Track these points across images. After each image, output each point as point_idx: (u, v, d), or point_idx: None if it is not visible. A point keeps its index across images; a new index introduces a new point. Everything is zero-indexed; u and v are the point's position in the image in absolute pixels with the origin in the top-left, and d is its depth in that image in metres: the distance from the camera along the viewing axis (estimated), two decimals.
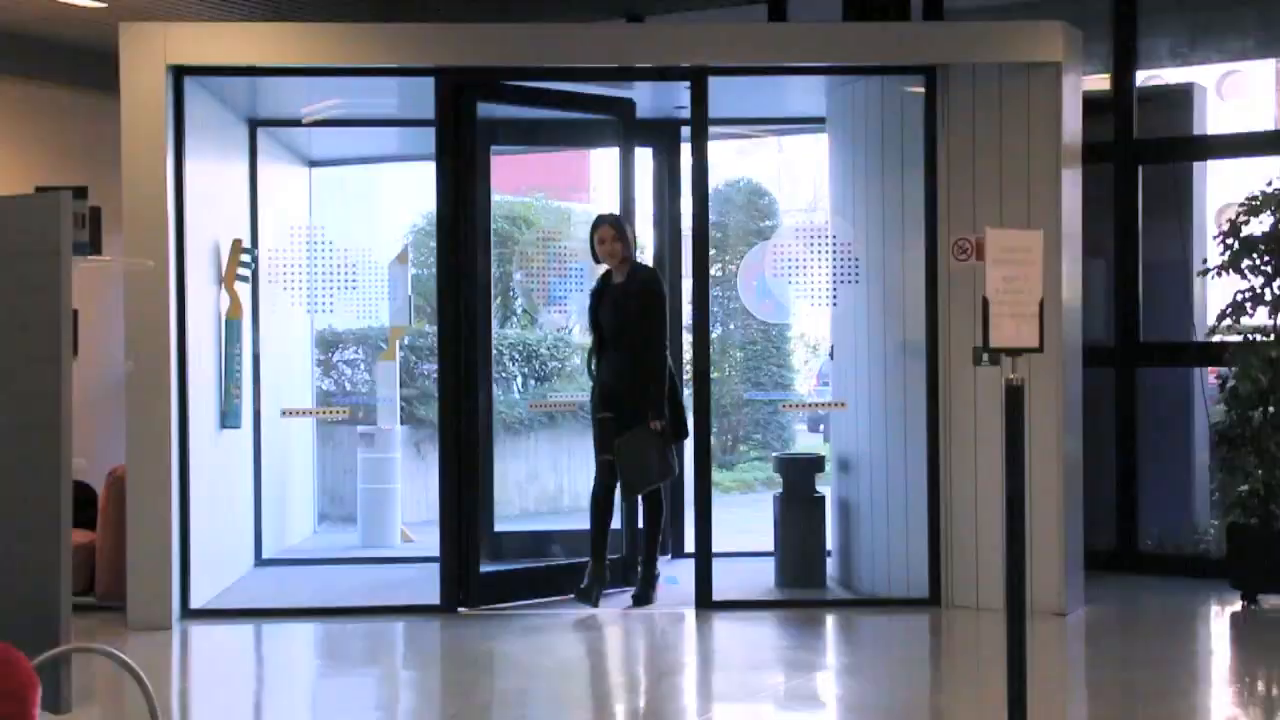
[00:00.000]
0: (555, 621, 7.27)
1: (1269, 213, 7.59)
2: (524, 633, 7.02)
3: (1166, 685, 6.05)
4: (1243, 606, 7.48)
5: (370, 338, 11.33)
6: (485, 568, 7.72)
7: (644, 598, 7.52)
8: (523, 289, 11.50)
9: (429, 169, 7.60)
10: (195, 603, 7.41)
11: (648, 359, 7.36)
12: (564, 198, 14.03)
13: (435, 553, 7.60)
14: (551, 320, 11.87)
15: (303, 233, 8.22)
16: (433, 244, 8.14)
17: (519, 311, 12.52)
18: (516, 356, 12.03)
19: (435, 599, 7.47)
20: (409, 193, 11.53)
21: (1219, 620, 7.52)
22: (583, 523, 7.77)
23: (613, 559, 7.66)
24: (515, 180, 12.90)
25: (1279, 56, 16.09)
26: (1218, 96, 17.34)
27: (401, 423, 10.14)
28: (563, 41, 7.47)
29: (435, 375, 8.67)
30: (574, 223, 12.15)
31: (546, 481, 11.65)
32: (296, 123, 9.05)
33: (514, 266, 12.13)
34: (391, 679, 6.57)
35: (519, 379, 12.15)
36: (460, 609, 7.42)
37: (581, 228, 8.19)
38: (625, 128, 8.14)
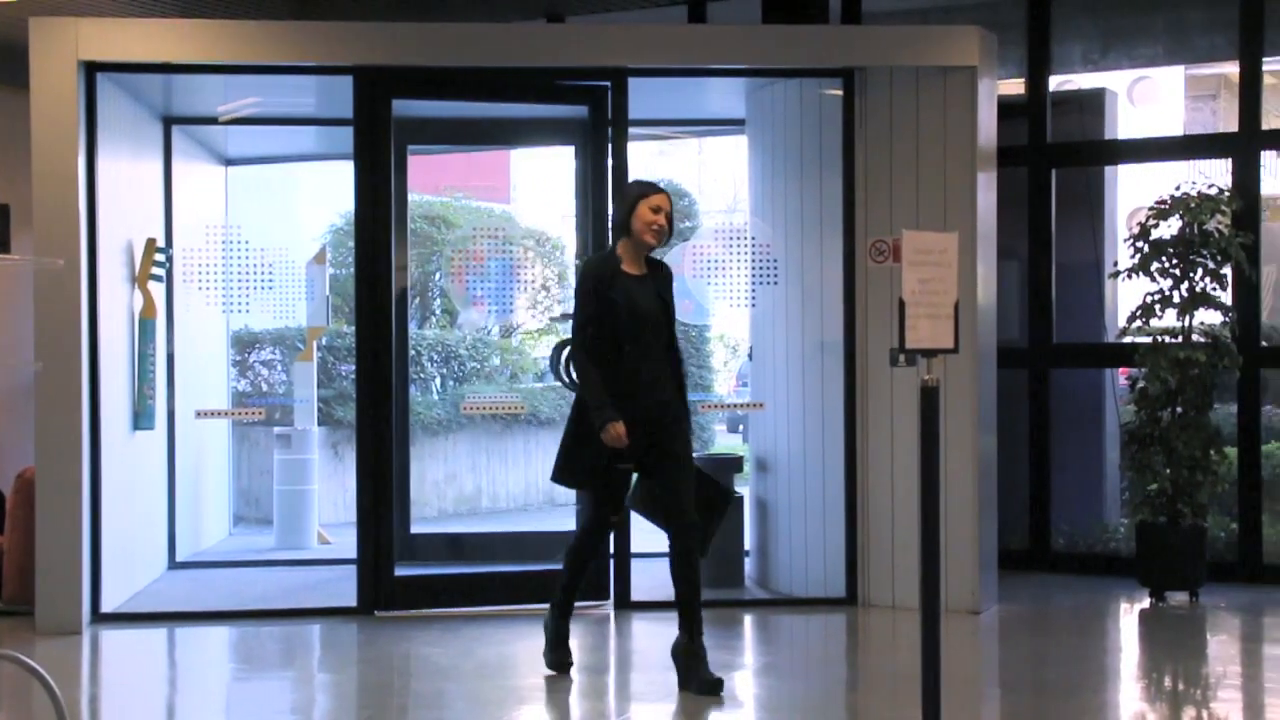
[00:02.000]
0: (473, 624, 7.24)
1: (1177, 217, 7.73)
2: (442, 635, 6.98)
3: (1078, 682, 6.14)
4: (1151, 603, 7.61)
5: (287, 338, 11.23)
6: (403, 570, 7.69)
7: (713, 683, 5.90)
8: (442, 289, 11.45)
9: (347, 168, 7.54)
10: (106, 606, 7.30)
11: (681, 366, 6.17)
12: (483, 197, 13.99)
13: (352, 555, 7.55)
14: (471, 321, 11.83)
15: (218, 232, 8.12)
16: (351, 244, 8.08)
17: (438, 312, 12.47)
18: (435, 357, 11.97)
19: (352, 601, 7.42)
20: (327, 192, 11.45)
21: (1128, 617, 7.65)
22: (501, 523, 7.75)
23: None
24: (435, 180, 12.85)
25: (1187, 63, 16.40)
26: (1129, 102, 17.64)
27: (319, 424, 10.06)
28: (482, 41, 7.44)
29: (353, 376, 8.60)
30: (495, 223, 12.11)
31: (465, 483, 11.61)
32: (212, 121, 8.95)
33: (433, 267, 12.09)
34: (307, 682, 6.51)
35: (438, 380, 12.10)
36: (377, 611, 7.38)
37: (503, 227, 8.15)
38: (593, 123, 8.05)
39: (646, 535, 8.60)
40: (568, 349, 7.77)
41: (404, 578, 7.60)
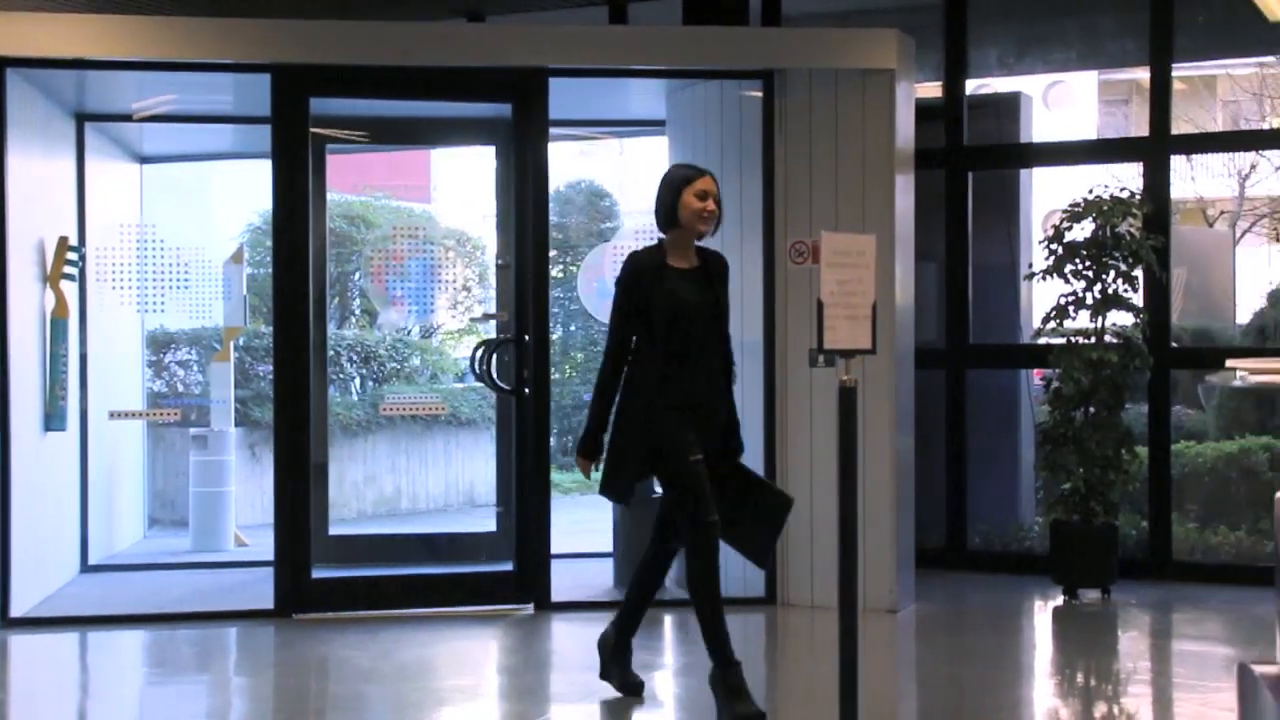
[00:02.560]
0: (393, 626, 7.19)
1: (1090, 219, 7.84)
2: (361, 637, 6.93)
3: (993, 679, 6.22)
4: (1064, 601, 7.72)
5: (204, 338, 11.10)
6: (321, 572, 7.62)
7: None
8: (361, 289, 11.37)
9: (265, 167, 7.47)
10: (16, 611, 7.18)
11: (731, 370, 5.73)
12: (404, 197, 13.91)
13: (270, 557, 7.48)
14: (391, 321, 11.76)
15: (133, 230, 8.02)
16: (269, 243, 8.00)
17: (358, 312, 12.38)
18: (355, 358, 11.89)
19: (269, 604, 7.35)
20: (245, 191, 11.33)
21: (1042, 615, 7.75)
22: (421, 525, 7.71)
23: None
24: (354, 179, 12.76)
25: (1100, 68, 16.71)
26: (1044, 106, 17.90)
27: (236, 425, 9.95)
28: (401, 40, 7.40)
29: (271, 376, 8.52)
30: (415, 222, 12.04)
31: (385, 484, 11.54)
32: (127, 118, 8.83)
33: (353, 266, 12.01)
34: (223, 686, 6.44)
35: (357, 380, 12.01)
36: (295, 614, 7.31)
37: (423, 227, 8.11)
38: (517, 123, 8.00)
39: (566, 536, 8.63)
40: (484, 349, 7.79)
41: (322, 580, 7.54)
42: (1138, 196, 8.02)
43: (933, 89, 8.88)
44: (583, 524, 10.06)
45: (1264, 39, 9.86)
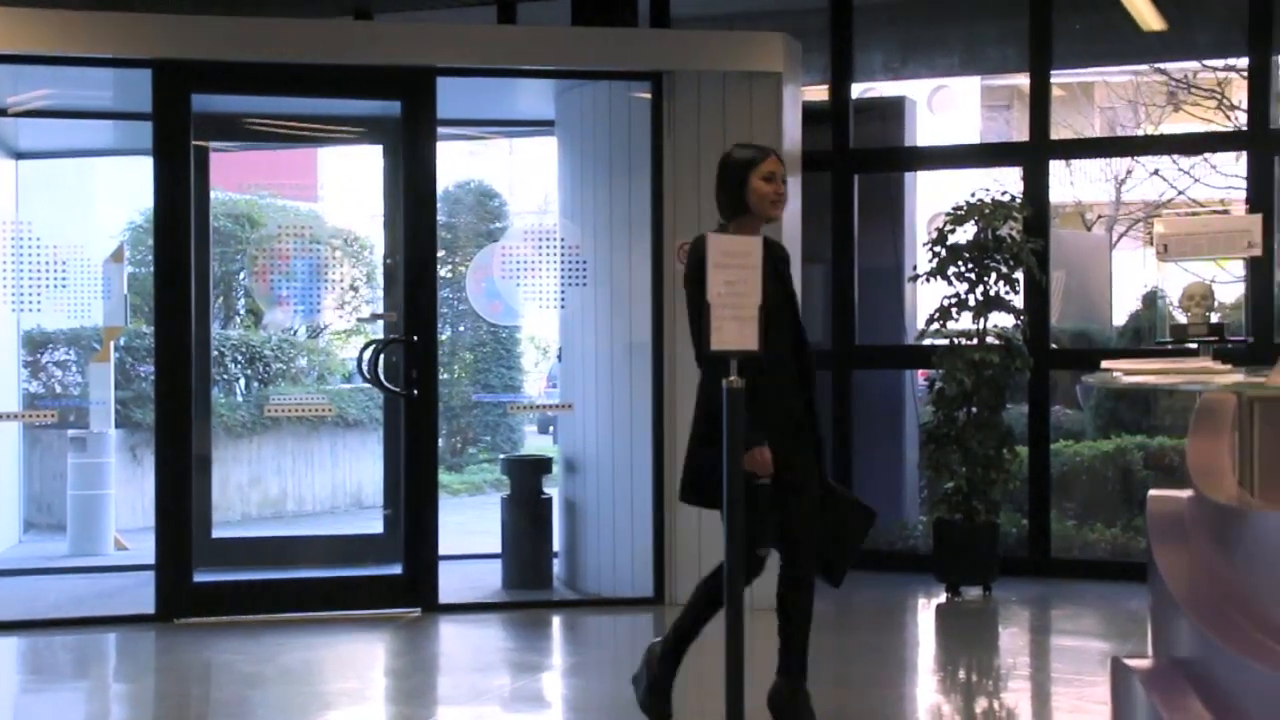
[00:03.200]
0: (277, 630, 7.10)
1: (973, 223, 7.97)
2: (244, 641, 6.84)
3: (877, 676, 6.30)
4: (947, 598, 7.84)
5: (83, 338, 10.87)
6: (204, 576, 7.51)
7: None
8: (246, 289, 11.21)
9: (147, 164, 7.34)
10: None
11: (811, 367, 5.29)
12: (290, 196, 13.74)
13: (151, 561, 7.35)
14: (277, 321, 11.61)
15: (8, 228, 7.82)
16: (151, 241, 7.85)
17: (242, 312, 12.22)
18: (239, 358, 11.72)
19: (150, 609, 7.22)
20: (126, 188, 11.12)
21: (925, 612, 7.86)
22: (307, 527, 7.62)
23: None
24: (239, 177, 12.57)
25: (983, 74, 16.99)
26: (928, 110, 18.18)
27: (116, 427, 9.76)
28: (287, 36, 7.31)
29: (152, 377, 8.37)
30: (301, 221, 11.89)
31: (270, 486, 11.39)
32: (1, 112, 8.62)
33: (238, 266, 11.83)
34: (102, 693, 6.32)
35: (242, 381, 11.85)
36: (177, 619, 7.19)
37: (309, 226, 8.02)
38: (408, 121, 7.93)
39: (454, 537, 8.59)
40: (372, 349, 7.72)
41: (204, 584, 7.43)
42: (1018, 200, 8.17)
43: (819, 92, 8.97)
44: (471, 525, 10.03)
45: (1139, 47, 10.09)
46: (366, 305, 11.65)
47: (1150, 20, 9.13)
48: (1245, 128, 8.49)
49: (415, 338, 7.48)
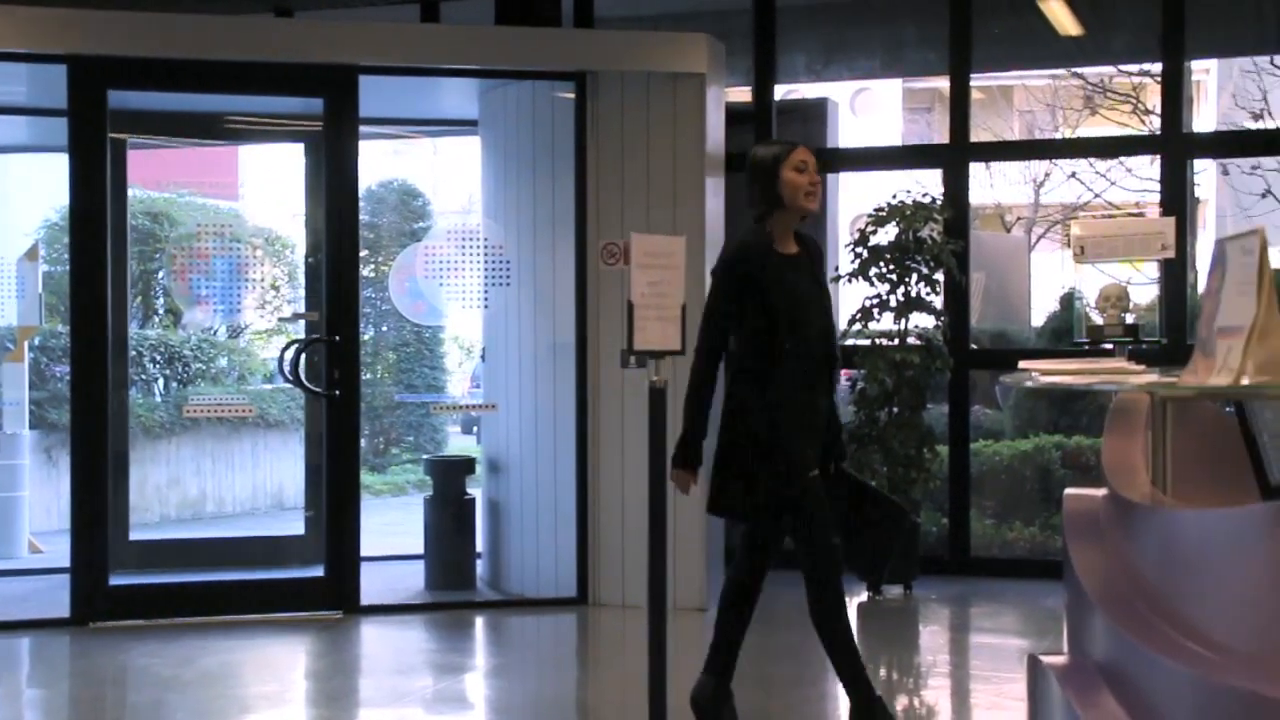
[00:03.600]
0: (195, 633, 7.02)
1: (894, 224, 8.04)
2: (161, 645, 6.75)
3: (800, 674, 6.33)
4: (869, 597, 7.90)
5: None
6: (120, 579, 7.41)
7: None
8: (165, 288, 11.06)
9: (62, 161, 7.23)
10: None
11: (836, 374, 5.12)
12: (210, 194, 13.59)
13: (66, 564, 7.24)
14: (196, 321, 11.47)
15: None
16: (66, 240, 7.74)
17: (161, 311, 12.06)
18: (158, 358, 11.57)
19: (65, 612, 7.11)
20: (41, 185, 10.93)
21: (848, 610, 7.90)
22: (227, 529, 7.55)
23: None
24: (157, 175, 12.41)
25: (904, 77, 17.16)
26: (850, 112, 18.32)
27: (30, 428, 9.61)
28: (206, 33, 7.23)
29: (68, 377, 8.25)
30: (221, 220, 11.77)
31: (189, 488, 11.25)
32: None
33: (156, 265, 11.68)
34: (14, 698, 6.21)
35: (160, 381, 11.70)
36: (92, 623, 7.09)
37: (230, 225, 7.94)
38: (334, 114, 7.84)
39: (376, 538, 8.53)
40: (294, 349, 7.65)
41: (121, 587, 7.33)
42: (939, 202, 8.25)
43: (743, 94, 9.01)
44: (394, 526, 9.97)
45: (1056, 52, 10.23)
46: (288, 305, 11.55)
47: (1067, 25, 9.26)
48: (1159, 132, 8.63)
49: (337, 337, 7.43)
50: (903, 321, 8.06)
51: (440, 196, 16.78)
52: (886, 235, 8.10)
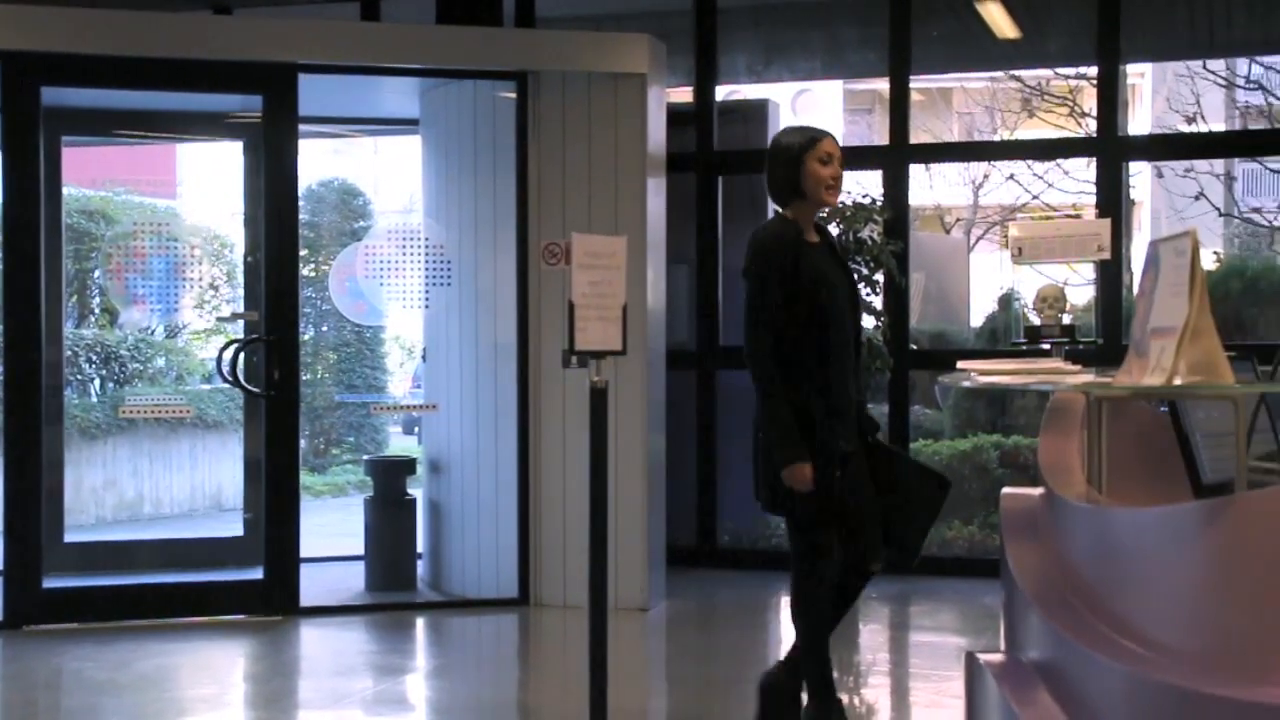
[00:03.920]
0: (131, 636, 6.95)
1: (834, 225, 8.07)
2: (97, 648, 6.68)
3: (741, 674, 6.34)
4: None
5: None
6: (54, 581, 7.32)
7: None
8: (101, 287, 10.94)
9: None
10: None
11: (861, 361, 5.09)
12: (147, 192, 13.45)
13: None
14: (133, 320, 11.35)
15: None
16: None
17: (97, 311, 11.92)
18: (94, 358, 11.44)
19: None
20: None
21: (788, 610, 7.92)
22: (165, 530, 7.47)
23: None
24: (93, 173, 12.27)
25: (844, 78, 17.26)
26: (791, 113, 18.40)
27: None
28: (143, 29, 7.15)
29: (1, 377, 8.14)
30: (159, 219, 11.65)
31: (126, 489, 11.13)
32: None
33: (92, 264, 11.55)
34: None
35: (97, 382, 11.56)
36: (26, 626, 7.00)
37: (167, 224, 7.87)
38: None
39: (316, 540, 8.48)
40: (233, 349, 7.59)
41: (55, 589, 7.24)
42: (879, 203, 8.29)
43: (684, 94, 9.03)
44: (334, 527, 9.91)
45: (994, 55, 10.33)
46: (227, 304, 11.45)
47: (1005, 29, 9.35)
48: (1095, 135, 8.72)
49: (276, 337, 7.37)
50: None
51: (381, 196, 16.69)
52: None
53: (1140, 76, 18.83)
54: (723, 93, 9.24)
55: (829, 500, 4.75)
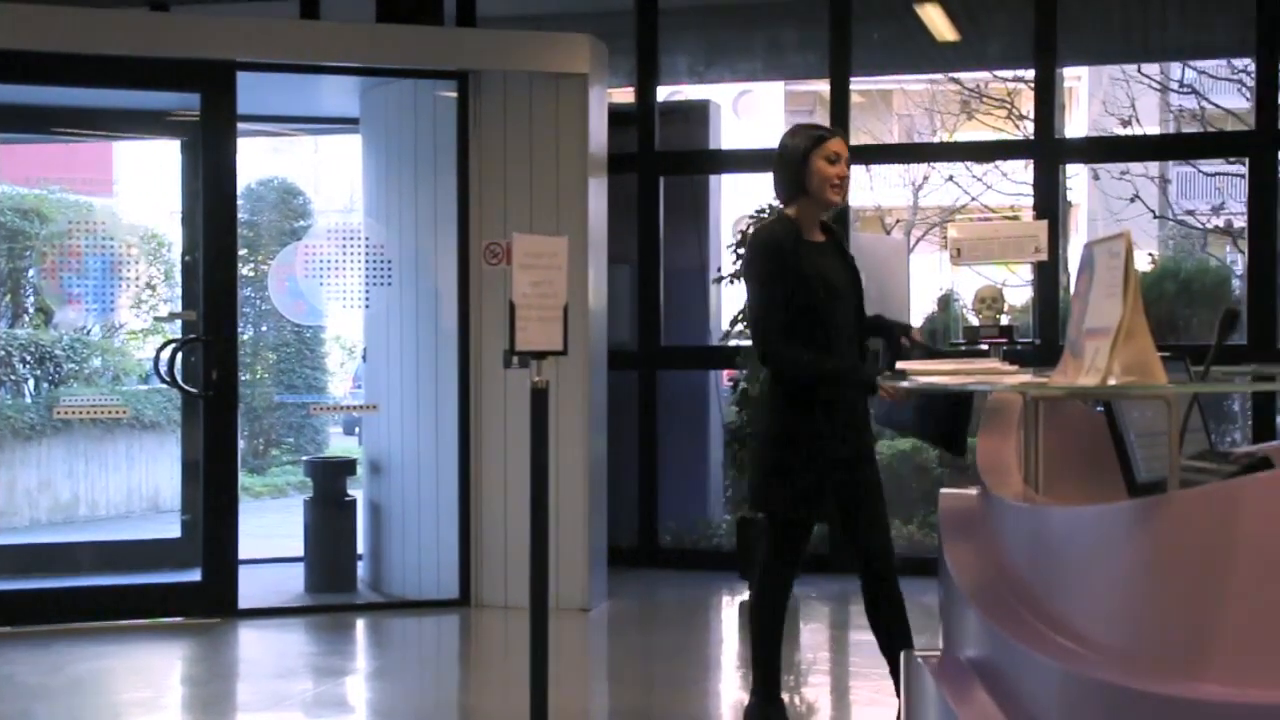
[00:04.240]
0: (65, 640, 6.86)
1: None
2: (31, 652, 6.60)
3: (682, 673, 6.36)
4: (750, 595, 7.95)
5: None
6: None
7: None
8: (35, 287, 10.81)
9: None
10: None
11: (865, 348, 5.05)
12: (84, 191, 13.30)
13: None
14: (69, 320, 11.22)
15: None
16: None
17: (31, 310, 11.77)
18: (28, 358, 11.29)
19: None
20: None
21: (729, 609, 7.97)
22: (101, 532, 7.39)
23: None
24: (27, 171, 12.12)
25: (786, 79, 17.33)
26: (733, 114, 18.45)
27: None
28: (79, 25, 7.07)
29: None
30: (95, 217, 11.52)
31: (60, 490, 11.00)
32: None
33: (26, 263, 11.40)
34: None
35: (31, 382, 11.41)
36: None
37: (104, 222, 7.79)
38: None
39: (255, 541, 8.41)
40: (170, 349, 7.52)
41: None
42: None
43: (625, 94, 9.03)
44: (273, 529, 9.84)
45: (933, 58, 10.40)
46: (164, 304, 11.34)
47: (944, 31, 9.42)
48: (1033, 137, 8.80)
49: (214, 337, 7.31)
50: None
51: (321, 195, 16.59)
52: None
53: (1077, 80, 19.02)
54: (664, 93, 9.24)
55: (818, 503, 4.76)
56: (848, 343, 4.80)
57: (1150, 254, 13.52)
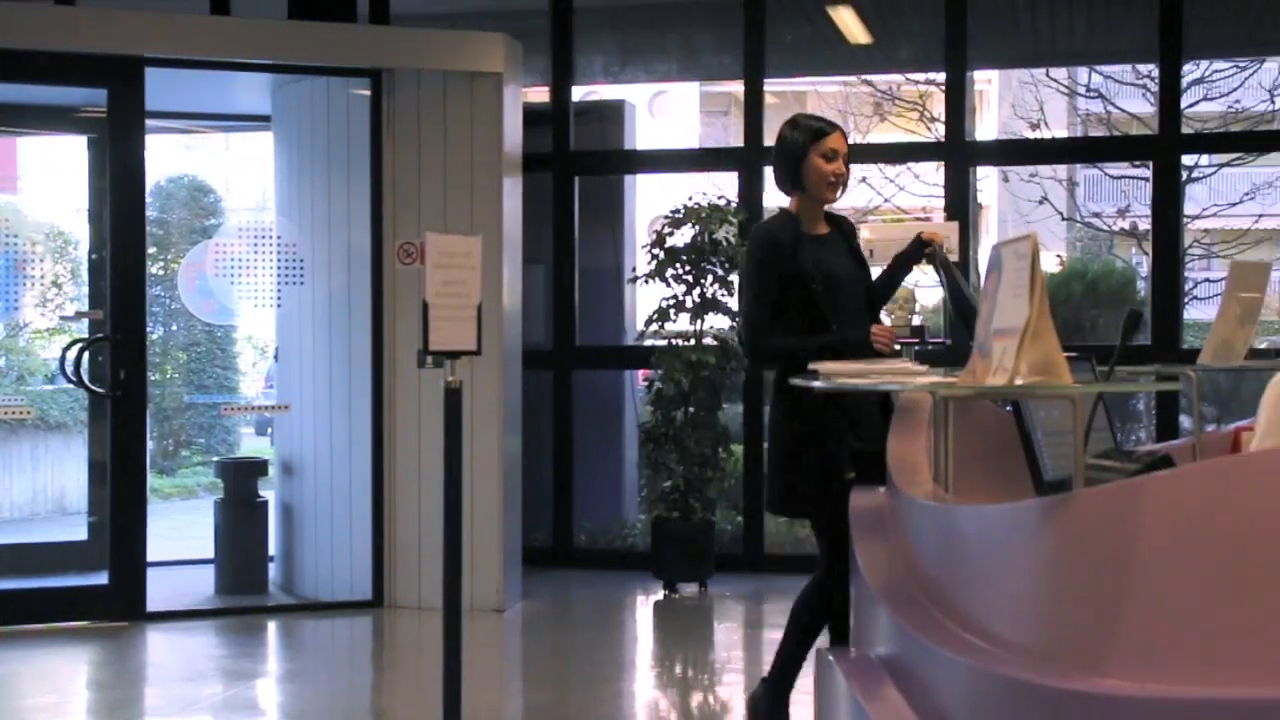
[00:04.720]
0: None
1: (690, 226, 8.14)
2: None
3: (596, 673, 6.37)
4: (665, 595, 7.98)
5: None
6: None
7: None
8: None
9: None
10: None
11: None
12: None
13: None
14: None
15: None
16: None
17: None
18: None
19: None
20: None
21: (644, 609, 7.99)
22: (5, 534, 7.25)
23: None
24: None
25: (700, 80, 17.38)
26: (648, 114, 18.48)
27: None
28: None
29: None
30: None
31: None
32: None
33: None
34: None
35: None
36: None
37: (8, 219, 7.65)
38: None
39: (164, 543, 8.30)
40: (76, 348, 7.39)
41: None
42: (734, 205, 8.37)
43: (540, 94, 9.02)
44: (183, 530, 9.72)
45: (846, 59, 10.48)
46: (70, 302, 11.16)
47: (857, 34, 9.50)
48: (944, 139, 8.91)
49: (122, 336, 7.20)
50: (699, 322, 8.16)
51: (232, 193, 16.38)
52: (683, 237, 8.19)
53: (987, 83, 19.24)
54: (579, 93, 9.24)
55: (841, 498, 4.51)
56: (855, 338, 4.64)
57: (1058, 255, 13.73)
